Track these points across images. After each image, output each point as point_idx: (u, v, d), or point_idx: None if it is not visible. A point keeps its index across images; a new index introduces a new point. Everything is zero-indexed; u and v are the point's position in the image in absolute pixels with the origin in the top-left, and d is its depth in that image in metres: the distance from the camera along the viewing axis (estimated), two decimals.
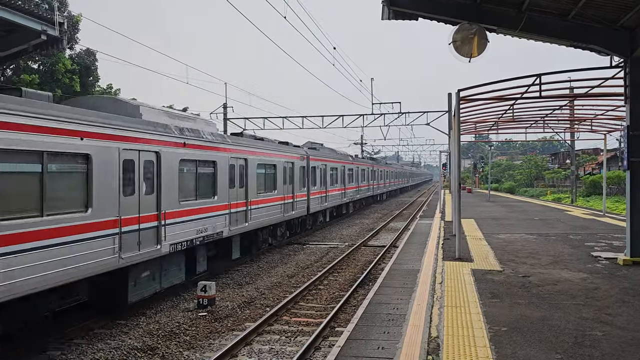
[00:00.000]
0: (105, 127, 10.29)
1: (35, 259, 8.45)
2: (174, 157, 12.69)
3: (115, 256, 10.39)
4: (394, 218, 35.24)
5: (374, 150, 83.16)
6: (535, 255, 13.50)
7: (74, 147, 9.45)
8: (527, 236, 17.62)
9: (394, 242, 22.28)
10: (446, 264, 12.31)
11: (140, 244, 11.24)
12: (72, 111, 9.62)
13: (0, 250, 7.84)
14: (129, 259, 10.85)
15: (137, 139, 11.28)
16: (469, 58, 11.72)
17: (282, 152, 21.26)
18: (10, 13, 11.43)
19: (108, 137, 10.35)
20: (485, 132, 28.75)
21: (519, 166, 77.01)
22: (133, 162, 11.23)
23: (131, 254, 10.91)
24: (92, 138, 9.91)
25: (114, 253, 10.36)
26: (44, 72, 30.92)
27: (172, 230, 12.50)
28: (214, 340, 10.04)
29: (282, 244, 21.75)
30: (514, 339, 6.76)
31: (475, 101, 14.95)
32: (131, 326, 10.80)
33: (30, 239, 8.40)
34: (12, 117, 8.15)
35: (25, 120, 8.38)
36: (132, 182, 11.17)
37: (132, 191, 11.14)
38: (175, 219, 12.68)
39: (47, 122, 8.83)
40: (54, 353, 9.24)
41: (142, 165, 11.54)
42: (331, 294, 13.68)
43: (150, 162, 11.87)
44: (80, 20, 31.52)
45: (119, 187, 10.64)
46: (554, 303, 8.65)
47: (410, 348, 6.53)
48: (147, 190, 11.72)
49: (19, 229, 8.19)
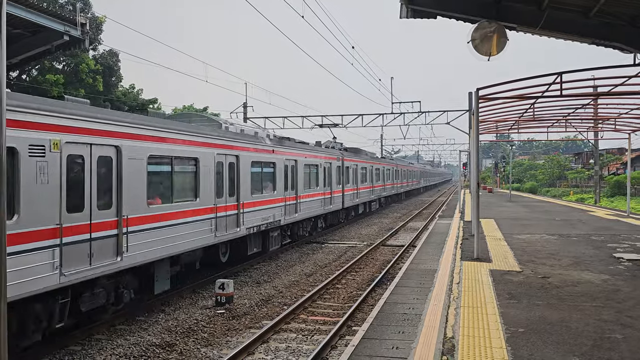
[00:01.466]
0: (207, 138, 13.63)
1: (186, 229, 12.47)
2: (248, 160, 16.05)
3: (212, 234, 13.71)
4: (413, 218, 35.08)
5: (394, 150, 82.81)
6: (555, 256, 13.31)
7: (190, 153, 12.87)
8: (547, 237, 17.38)
9: (413, 241, 22.19)
10: (464, 264, 12.21)
11: (227, 227, 14.63)
12: (188, 127, 13.33)
13: (176, 221, 11.96)
14: (220, 238, 14.21)
15: (224, 145, 14.65)
16: (488, 57, 11.58)
17: (322, 153, 24.58)
18: (34, 14, 11.67)
19: (209, 145, 13.76)
20: (506, 132, 28.42)
21: (541, 166, 75.99)
22: (222, 164, 14.52)
23: (221, 234, 14.20)
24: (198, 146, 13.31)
25: (211, 232, 13.65)
26: (68, 73, 31.46)
27: (247, 217, 15.90)
28: (231, 338, 10.13)
29: (321, 234, 24.48)
30: (531, 340, 6.68)
31: (495, 100, 14.78)
32: (150, 323, 10.95)
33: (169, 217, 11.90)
34: (181, 135, 12.41)
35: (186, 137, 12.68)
36: (222, 179, 14.47)
37: (221, 185, 14.43)
38: (249, 208, 16.05)
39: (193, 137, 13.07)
40: (75, 348, 9.42)
41: (227, 166, 14.81)
42: (349, 292, 13.68)
43: (232, 164, 15.14)
44: (104, 21, 32.01)
45: (215, 183, 13.91)
46: (573, 305, 8.53)
47: (424, 348, 6.50)
48: (230, 186, 14.93)
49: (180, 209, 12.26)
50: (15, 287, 7.73)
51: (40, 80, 29.48)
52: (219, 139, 14.29)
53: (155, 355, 9.15)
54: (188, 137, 12.70)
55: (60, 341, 9.52)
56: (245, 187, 15.70)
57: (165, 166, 11.94)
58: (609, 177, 53.47)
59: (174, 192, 12.19)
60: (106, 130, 9.93)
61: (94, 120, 9.68)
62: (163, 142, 11.67)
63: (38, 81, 29.37)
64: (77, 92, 30.12)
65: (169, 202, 12.00)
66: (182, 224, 12.32)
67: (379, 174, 39.60)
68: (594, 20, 11.44)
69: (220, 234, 14.15)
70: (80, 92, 30.25)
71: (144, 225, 10.92)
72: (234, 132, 15.76)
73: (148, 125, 11.24)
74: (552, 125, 24.32)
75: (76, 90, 30.22)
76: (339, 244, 22.55)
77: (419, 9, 12.08)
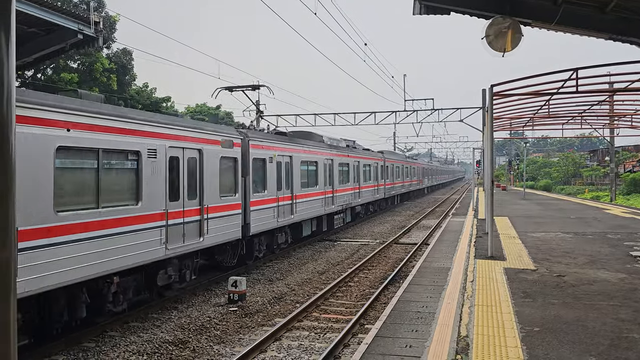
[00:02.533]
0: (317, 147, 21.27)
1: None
2: (337, 162, 23.83)
3: (275, 220, 16.78)
4: (426, 215, 34.90)
5: (407, 147, 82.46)
6: (571, 255, 13.16)
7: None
8: (562, 235, 17.19)
9: (426, 239, 22.06)
10: (478, 262, 12.11)
11: (284, 214, 17.63)
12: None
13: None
14: (280, 222, 17.32)
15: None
16: (502, 53, 11.45)
17: (372, 156, 32.43)
18: (48, 13, 11.74)
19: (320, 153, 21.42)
20: (520, 129, 28.17)
21: (556, 163, 75.23)
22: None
23: (280, 219, 17.33)
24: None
25: (274, 218, 16.78)
26: (83, 71, 31.71)
27: (300, 207, 19.15)
28: (243, 335, 10.12)
29: (334, 232, 25.35)
30: (546, 339, 6.59)
31: (509, 97, 14.64)
32: (163, 320, 10.99)
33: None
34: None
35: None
36: (283, 177, 18.05)
37: (279, 181, 17.44)
38: (301, 199, 19.19)
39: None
40: (88, 345, 9.48)
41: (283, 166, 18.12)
42: (361, 290, 13.63)
43: (288, 163, 18.34)
44: (118, 20, 32.21)
45: (278, 179, 17.40)
46: (589, 304, 8.41)
47: (438, 347, 6.44)
48: (286, 182, 18.02)
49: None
50: (139, 256, 10.27)
51: (55, 78, 29.75)
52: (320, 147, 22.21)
53: (167, 352, 9.17)
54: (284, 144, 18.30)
55: (75, 337, 9.58)
56: (297, 182, 19.09)
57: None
58: (625, 174, 52.77)
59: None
60: (193, 137, 12.37)
61: (185, 129, 12.12)
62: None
63: (53, 80, 29.64)
64: (92, 90, 30.37)
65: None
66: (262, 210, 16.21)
67: (409, 171, 44.82)
68: (611, 15, 11.26)
69: (280, 219, 17.60)
70: (94, 90, 30.48)
71: (218, 213, 13.35)
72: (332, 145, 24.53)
73: (219, 132, 13.83)
74: (567, 122, 24.08)
75: (90, 89, 30.46)
76: (351, 242, 22.49)
77: (432, 5, 11.97)
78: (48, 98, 8.53)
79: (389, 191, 37.82)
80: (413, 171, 50.63)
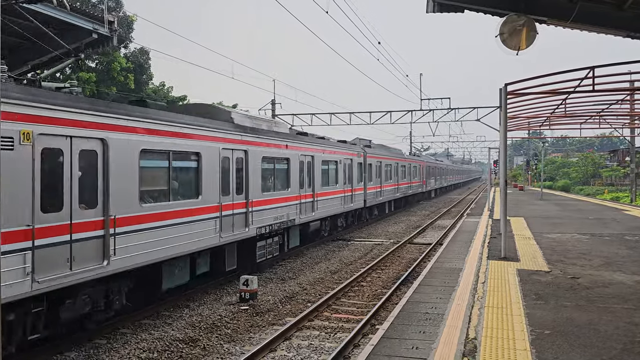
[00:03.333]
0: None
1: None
2: (381, 162, 29.23)
3: (297, 216, 17.42)
4: (441, 216, 34.67)
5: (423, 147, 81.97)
6: (586, 256, 12.95)
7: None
8: (579, 236, 16.93)
9: (440, 239, 21.90)
10: (490, 263, 11.98)
11: (306, 212, 18.35)
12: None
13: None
14: (302, 220, 18.02)
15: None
16: (516, 51, 11.30)
17: (341, 149, 27.38)
18: (63, 13, 11.87)
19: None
20: (537, 128, 27.81)
21: (575, 163, 74.19)
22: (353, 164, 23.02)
23: (302, 216, 18.06)
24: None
25: (295, 215, 17.26)
26: (101, 71, 32.04)
27: (321, 204, 19.91)
28: (254, 334, 10.13)
29: (347, 232, 25.19)
30: (557, 343, 6.48)
31: (524, 95, 14.44)
32: (175, 317, 11.05)
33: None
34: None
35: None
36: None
37: (310, 179, 18.83)
38: (322, 197, 19.91)
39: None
40: (100, 342, 9.56)
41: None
42: (373, 291, 13.57)
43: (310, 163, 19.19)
44: (135, 20, 32.49)
45: (300, 178, 18.07)
46: (603, 306, 8.26)
47: (445, 349, 6.36)
48: (308, 178, 18.76)
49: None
50: (198, 242, 11.81)
51: (74, 78, 30.11)
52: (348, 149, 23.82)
53: (178, 350, 9.21)
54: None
55: (87, 335, 9.68)
56: (318, 180, 19.67)
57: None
58: None
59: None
60: (241, 140, 14.05)
61: (234, 133, 13.81)
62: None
63: (71, 79, 30.01)
64: (109, 90, 30.67)
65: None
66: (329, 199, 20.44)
67: (439, 171, 48.42)
68: (629, 12, 11.03)
69: (302, 216, 18.14)
70: (112, 89, 30.80)
71: (261, 207, 14.96)
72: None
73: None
74: (585, 121, 23.70)
75: (108, 88, 30.78)
76: (365, 242, 22.42)
77: (445, 2, 11.84)
78: (135, 110, 10.29)
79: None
80: (413, 170, 40.47)
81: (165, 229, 10.70)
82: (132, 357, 8.78)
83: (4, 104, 7.12)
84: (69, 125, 8.44)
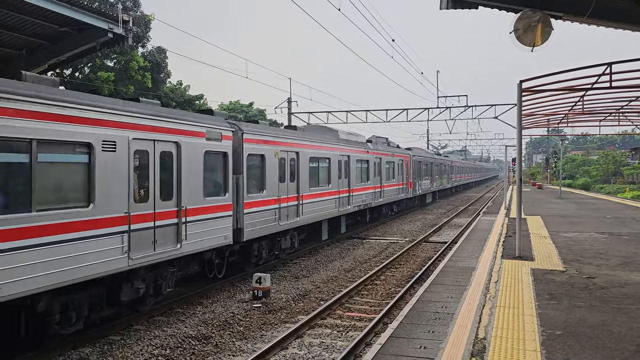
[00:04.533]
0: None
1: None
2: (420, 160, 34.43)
3: (336, 209, 20.46)
4: (458, 214, 34.42)
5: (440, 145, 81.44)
6: (603, 256, 12.75)
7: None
8: (596, 235, 16.68)
9: (456, 238, 21.75)
10: (504, 263, 11.85)
11: (342, 206, 20.99)
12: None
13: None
14: (342, 211, 21.19)
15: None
16: (531, 47, 11.15)
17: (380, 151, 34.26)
18: (79, 13, 12.02)
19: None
20: (555, 126, 27.44)
21: (595, 161, 73.02)
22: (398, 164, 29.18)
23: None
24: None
25: (335, 207, 20.42)
26: (119, 70, 32.37)
27: (355, 199, 22.61)
28: (266, 332, 10.17)
29: (363, 230, 26.24)
30: (568, 343, 6.39)
31: (540, 92, 14.25)
32: (188, 315, 11.14)
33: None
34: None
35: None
36: (364, 172, 24.67)
37: (346, 176, 21.80)
38: (355, 192, 22.62)
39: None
40: (114, 338, 9.68)
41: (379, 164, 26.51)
42: (387, 289, 13.52)
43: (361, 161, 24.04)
44: (152, 19, 32.75)
45: (375, 173, 26.19)
46: (618, 307, 8.13)
47: (453, 349, 6.31)
48: (379, 174, 26.51)
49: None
50: (265, 229, 14.62)
51: (92, 77, 30.47)
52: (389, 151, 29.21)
53: (190, 347, 9.27)
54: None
55: (101, 331, 9.81)
56: (354, 179, 22.63)
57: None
58: None
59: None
60: (292, 143, 16.78)
61: (293, 139, 16.91)
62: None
63: (90, 78, 30.36)
64: (127, 88, 30.99)
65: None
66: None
67: (462, 169, 55.11)
68: None
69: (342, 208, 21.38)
70: (130, 88, 31.11)
71: (310, 200, 17.79)
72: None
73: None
74: (604, 118, 23.31)
75: (126, 87, 31.10)
76: (380, 240, 22.36)
77: None
78: (205, 118, 12.32)
79: (453, 183, 47.26)
80: (393, 169, 29.37)
81: (223, 219, 12.67)
82: (145, 353, 8.86)
83: (109, 114, 9.16)
84: (153, 131, 10.25)
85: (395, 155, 30.13)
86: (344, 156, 21.36)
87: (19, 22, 12.36)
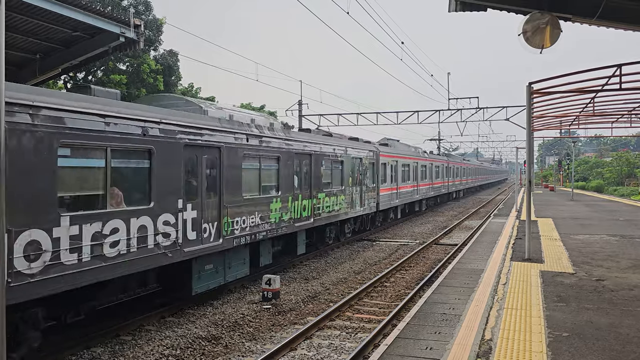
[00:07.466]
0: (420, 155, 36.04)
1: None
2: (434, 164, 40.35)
3: (412, 196, 31.92)
4: (469, 216, 34.31)
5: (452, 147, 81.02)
6: (614, 258, 12.69)
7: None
8: (608, 237, 16.57)
9: (467, 240, 21.69)
10: (513, 265, 11.83)
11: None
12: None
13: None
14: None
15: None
16: (540, 49, 11.13)
17: (478, 165, 46.41)
18: (91, 17, 12.19)
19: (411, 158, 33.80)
20: (566, 127, 27.29)
21: (609, 163, 72.32)
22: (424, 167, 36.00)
23: (418, 196, 34.07)
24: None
25: (418, 195, 33.68)
26: (131, 73, 32.70)
27: (383, 198, 25.66)
28: (275, 333, 10.24)
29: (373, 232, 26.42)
30: (574, 345, 6.40)
31: (550, 94, 14.21)
32: (198, 315, 11.25)
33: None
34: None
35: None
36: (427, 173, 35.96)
37: (373, 178, 24.17)
38: (384, 192, 25.68)
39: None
40: (125, 338, 9.81)
41: (398, 167, 29.57)
42: (396, 291, 13.54)
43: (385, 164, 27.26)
44: (164, 23, 33.06)
45: (421, 174, 34.69)
46: (626, 310, 8.10)
47: (459, 350, 6.35)
48: (421, 175, 34.44)
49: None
50: (387, 204, 25.75)
51: (105, 80, 30.81)
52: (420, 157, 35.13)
53: (200, 347, 9.38)
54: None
55: (113, 331, 9.95)
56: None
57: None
58: None
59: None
60: (392, 155, 26.17)
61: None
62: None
63: (103, 81, 30.70)
64: (139, 91, 31.30)
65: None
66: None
67: (476, 171, 57.77)
68: None
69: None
70: (142, 91, 31.41)
71: (404, 189, 29.15)
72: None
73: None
74: (616, 120, 23.13)
75: (138, 90, 31.41)
76: (390, 242, 22.36)
77: (467, 1, 11.74)
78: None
79: (466, 184, 61.79)
80: (478, 171, 36.86)
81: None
82: (155, 354, 8.98)
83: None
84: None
85: (434, 160, 41.37)
86: (417, 163, 33.14)
87: (34, 27, 12.56)
